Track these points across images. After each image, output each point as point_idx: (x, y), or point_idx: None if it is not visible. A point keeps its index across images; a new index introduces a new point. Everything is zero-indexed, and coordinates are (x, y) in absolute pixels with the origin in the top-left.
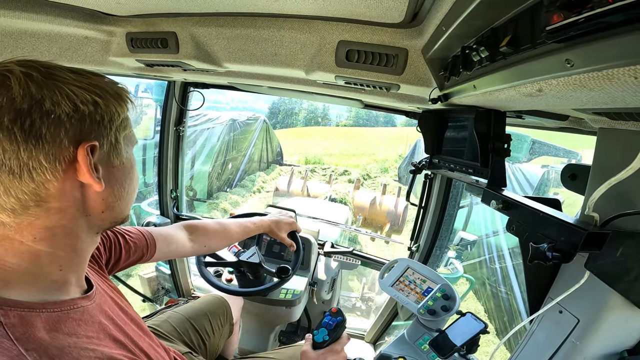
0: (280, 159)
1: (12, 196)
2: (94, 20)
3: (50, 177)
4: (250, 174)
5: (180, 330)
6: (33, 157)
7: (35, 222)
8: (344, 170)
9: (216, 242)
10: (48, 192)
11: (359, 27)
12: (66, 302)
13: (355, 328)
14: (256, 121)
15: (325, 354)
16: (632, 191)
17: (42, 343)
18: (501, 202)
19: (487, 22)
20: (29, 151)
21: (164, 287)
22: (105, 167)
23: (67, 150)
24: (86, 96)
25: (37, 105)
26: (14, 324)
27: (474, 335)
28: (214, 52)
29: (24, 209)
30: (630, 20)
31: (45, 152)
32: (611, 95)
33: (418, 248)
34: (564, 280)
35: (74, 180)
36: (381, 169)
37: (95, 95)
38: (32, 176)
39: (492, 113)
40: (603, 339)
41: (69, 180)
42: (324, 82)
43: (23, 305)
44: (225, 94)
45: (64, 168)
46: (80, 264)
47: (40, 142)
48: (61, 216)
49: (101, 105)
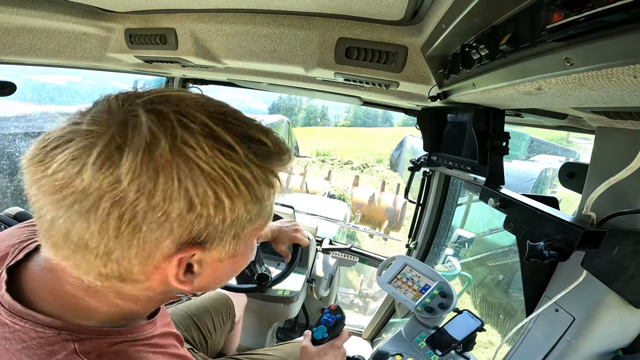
0: (297, 152)
1: (96, 272)
2: (93, 16)
3: (137, 275)
4: None
5: (182, 326)
6: (124, 254)
7: (121, 290)
8: (348, 160)
9: None
10: (136, 279)
11: (359, 24)
12: (136, 328)
13: (353, 325)
14: (282, 122)
15: (325, 349)
16: (629, 190)
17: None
18: (499, 200)
19: (487, 20)
20: (120, 245)
21: None
22: (208, 263)
23: (164, 251)
24: (209, 193)
25: (145, 197)
26: (88, 350)
27: (470, 332)
28: (213, 49)
29: (107, 279)
30: (630, 19)
31: (137, 251)
32: (610, 94)
33: (416, 245)
34: (561, 278)
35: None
36: (377, 161)
37: (222, 192)
38: (120, 265)
39: (491, 111)
40: (598, 338)
41: (158, 274)
42: (323, 79)
43: (96, 331)
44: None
45: (153, 270)
46: (157, 306)
47: (135, 240)
48: (149, 292)
49: (227, 207)
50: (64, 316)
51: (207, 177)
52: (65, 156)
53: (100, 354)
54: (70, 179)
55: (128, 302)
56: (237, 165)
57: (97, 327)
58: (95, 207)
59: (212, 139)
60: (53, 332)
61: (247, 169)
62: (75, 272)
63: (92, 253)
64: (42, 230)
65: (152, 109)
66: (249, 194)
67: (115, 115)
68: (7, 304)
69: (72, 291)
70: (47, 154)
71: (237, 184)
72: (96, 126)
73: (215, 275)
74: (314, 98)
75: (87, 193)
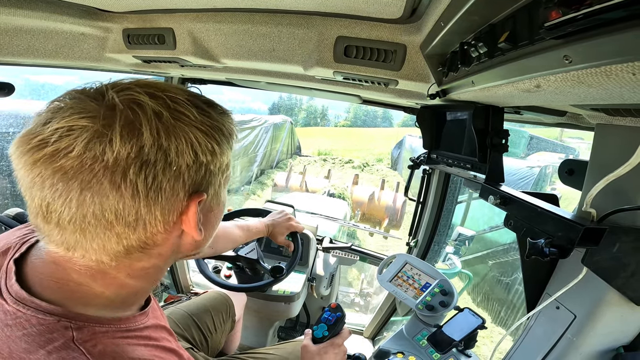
0: (299, 151)
1: (122, 245)
2: (90, 16)
3: (161, 229)
4: (281, 160)
5: (182, 326)
6: (151, 212)
7: (134, 264)
8: (349, 159)
9: (222, 245)
10: (155, 242)
11: (358, 22)
12: (129, 318)
13: (354, 323)
14: (285, 122)
15: (326, 347)
16: (629, 187)
17: (114, 356)
18: (499, 198)
19: (485, 18)
20: (148, 206)
21: (163, 284)
22: (205, 213)
23: (181, 203)
24: (207, 144)
25: (163, 155)
26: (85, 338)
27: (471, 330)
28: (212, 48)
29: (127, 254)
30: (628, 16)
31: (162, 206)
32: (609, 92)
33: (416, 243)
34: (561, 276)
35: (178, 230)
36: (377, 160)
37: (214, 142)
38: (145, 228)
39: (490, 109)
40: (599, 335)
41: (175, 230)
42: (322, 78)
43: (94, 320)
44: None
45: (174, 220)
46: (152, 289)
47: (159, 196)
48: (159, 260)
49: (217, 153)
50: (66, 304)
51: (202, 132)
52: (84, 140)
53: (96, 343)
54: (96, 158)
55: (137, 279)
56: (216, 122)
57: (95, 316)
58: (125, 175)
59: (194, 107)
60: (53, 319)
61: (222, 124)
62: (87, 258)
63: (121, 224)
64: (53, 222)
65: (143, 92)
66: (227, 142)
67: (110, 102)
68: (15, 292)
69: (78, 279)
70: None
71: (220, 135)
72: (102, 110)
73: (211, 224)
74: (313, 97)
75: (117, 164)
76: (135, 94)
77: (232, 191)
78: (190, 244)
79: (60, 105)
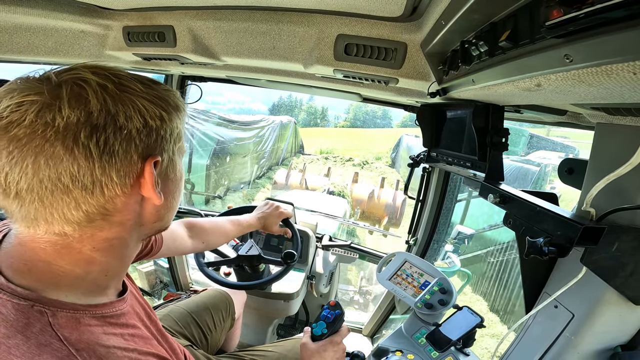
0: (302, 150)
1: (81, 210)
2: (90, 14)
3: (119, 192)
4: (285, 158)
5: (182, 324)
6: (106, 174)
7: (97, 234)
8: (350, 158)
9: (214, 239)
10: (115, 207)
11: (358, 20)
12: (106, 305)
13: (353, 321)
14: (290, 122)
15: (325, 345)
16: (629, 186)
17: (89, 343)
18: (498, 196)
19: (486, 16)
20: (102, 168)
21: (162, 281)
22: (163, 180)
23: (136, 165)
24: (155, 110)
25: (112, 120)
26: (61, 324)
27: (470, 329)
28: (212, 46)
29: (89, 222)
30: (629, 16)
31: (117, 168)
32: (609, 91)
33: (416, 241)
34: (560, 275)
35: (137, 195)
36: (376, 158)
37: (162, 109)
38: (103, 192)
39: (491, 107)
40: (597, 334)
41: (134, 194)
42: (323, 76)
43: (69, 306)
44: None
45: (131, 183)
46: (123, 270)
47: (113, 158)
48: (121, 228)
49: (166, 119)
50: (38, 287)
51: (148, 101)
52: (34, 111)
53: (72, 330)
54: (47, 124)
55: (102, 253)
56: (161, 94)
57: (70, 302)
58: (77, 138)
59: (138, 82)
60: (27, 304)
61: (167, 96)
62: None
63: (78, 187)
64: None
65: (88, 71)
66: (175, 112)
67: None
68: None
69: (45, 257)
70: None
71: (166, 105)
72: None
73: (170, 192)
74: (313, 96)
75: (68, 128)
76: (80, 73)
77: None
78: (152, 213)
79: (9, 88)
